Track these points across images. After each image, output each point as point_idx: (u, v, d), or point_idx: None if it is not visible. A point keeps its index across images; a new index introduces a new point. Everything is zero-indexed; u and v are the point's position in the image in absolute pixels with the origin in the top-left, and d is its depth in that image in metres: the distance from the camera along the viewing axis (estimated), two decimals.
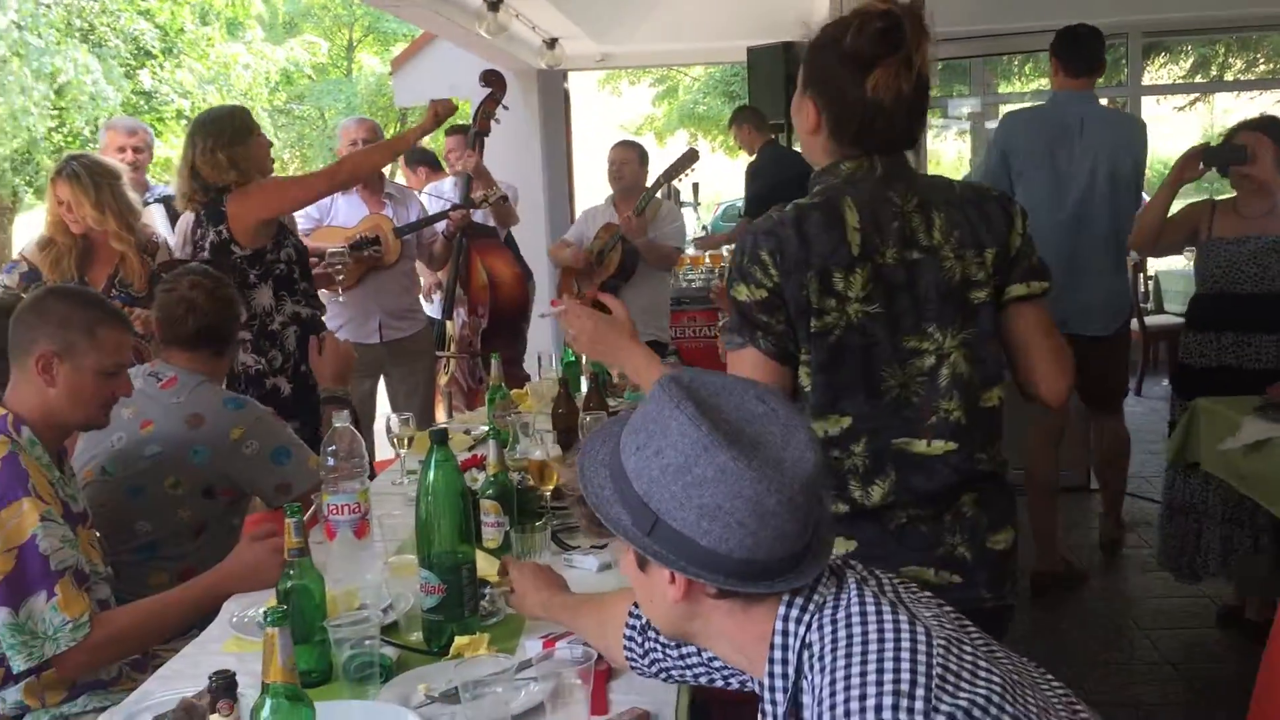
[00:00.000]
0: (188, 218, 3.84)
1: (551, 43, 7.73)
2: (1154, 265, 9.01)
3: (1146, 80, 11.80)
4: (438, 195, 5.55)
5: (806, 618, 1.22)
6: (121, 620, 2.20)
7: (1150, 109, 9.48)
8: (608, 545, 2.39)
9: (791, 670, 1.22)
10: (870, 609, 1.19)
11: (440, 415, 5.47)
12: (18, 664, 2.07)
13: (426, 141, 5.65)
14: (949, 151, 18.15)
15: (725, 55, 10.44)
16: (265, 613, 1.36)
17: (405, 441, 3.04)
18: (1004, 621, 1.86)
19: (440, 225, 5.12)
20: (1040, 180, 4.24)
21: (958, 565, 1.80)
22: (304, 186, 3.97)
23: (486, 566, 2.22)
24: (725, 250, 7.84)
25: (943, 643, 1.14)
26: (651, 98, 25.08)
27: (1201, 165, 3.80)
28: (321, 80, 21.91)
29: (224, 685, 1.35)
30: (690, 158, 5.55)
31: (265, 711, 1.39)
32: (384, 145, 4.19)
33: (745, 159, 7.39)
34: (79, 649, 2.09)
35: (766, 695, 1.26)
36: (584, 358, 3.93)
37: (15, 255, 3.94)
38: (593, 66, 9.24)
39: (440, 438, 1.96)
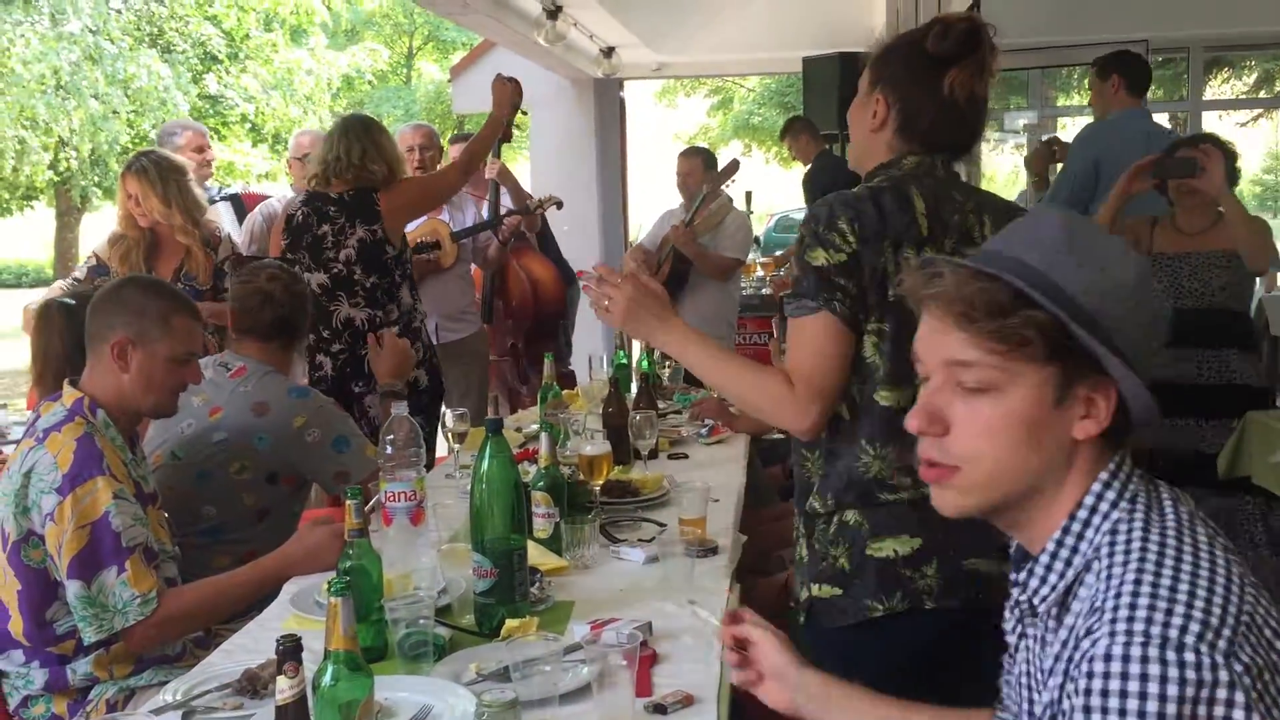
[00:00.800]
0: (262, 216, 3.95)
1: (609, 51, 7.82)
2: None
3: (1208, 95, 11.66)
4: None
5: (1122, 502, 1.17)
6: (188, 597, 2.29)
7: (1212, 124, 9.37)
8: (655, 539, 2.46)
9: (1085, 549, 1.17)
10: (1186, 529, 1.13)
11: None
12: (88, 635, 2.17)
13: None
14: (1005, 165, 18.01)
15: (780, 66, 10.48)
16: (329, 583, 1.43)
17: (459, 437, 3.12)
18: None
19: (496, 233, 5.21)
20: None
21: (1006, 555, 1.83)
22: (445, 180, 4.22)
23: (537, 555, 2.29)
24: (774, 256, 7.86)
25: (1252, 591, 1.09)
26: (707, 108, 25.13)
27: (1152, 177, 3.73)
28: (382, 87, 22.22)
29: (291, 648, 1.42)
30: (731, 169, 5.57)
31: (327, 677, 1.46)
32: (486, 132, 4.29)
33: (799, 170, 7.43)
34: (147, 623, 2.18)
35: (1038, 571, 1.22)
36: (635, 360, 4.00)
37: (87, 254, 4.08)
38: (649, 75, 9.32)
39: (495, 428, 2.03)
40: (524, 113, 5.54)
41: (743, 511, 2.85)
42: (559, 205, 5.50)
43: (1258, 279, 4.12)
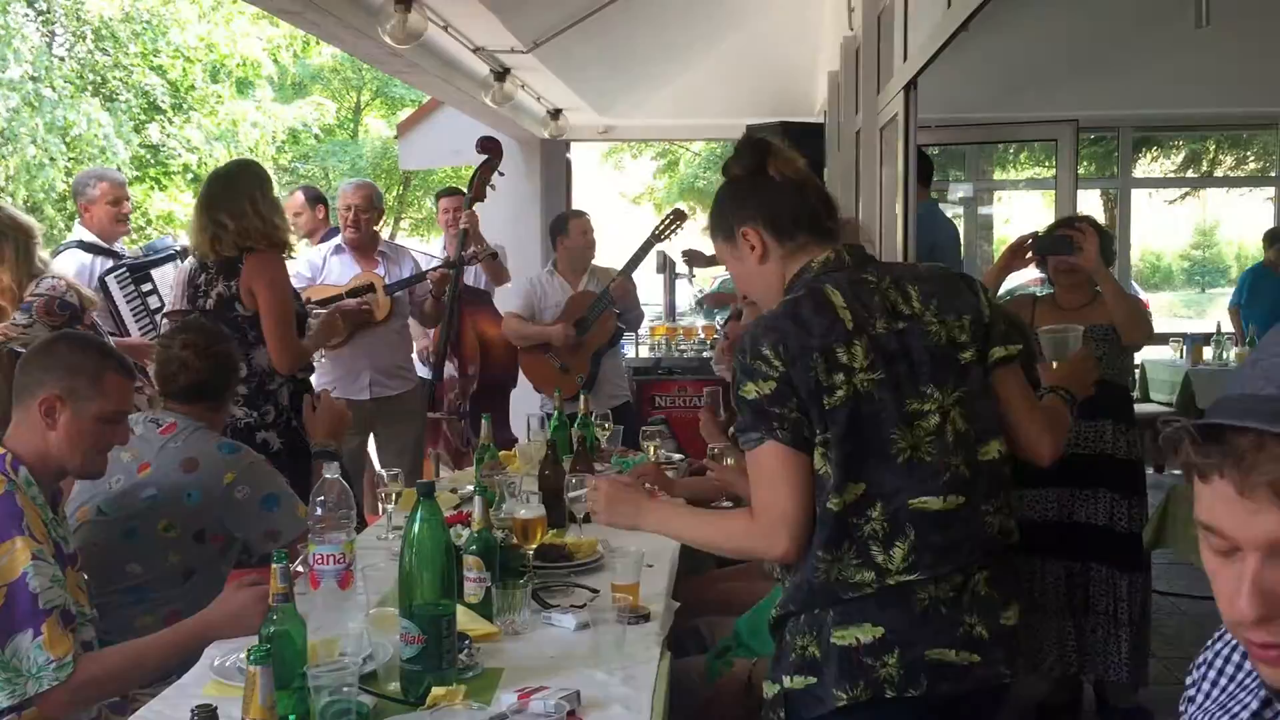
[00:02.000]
0: (190, 264, 3.90)
1: (555, 113, 7.88)
2: (1139, 355, 9.12)
3: (1138, 173, 12.01)
4: (428, 254, 5.65)
5: None
6: (105, 662, 2.24)
7: (1141, 202, 9.66)
8: (586, 605, 2.44)
9: None
10: None
11: (428, 474, 5.51)
12: (0, 700, 2.11)
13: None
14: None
15: (725, 132, 10.60)
16: (248, 651, 1.41)
17: (392, 497, 3.09)
18: (1007, 696, 1.95)
19: (429, 285, 5.20)
20: None
21: (976, 644, 1.88)
22: (276, 323, 3.70)
23: (467, 621, 2.27)
24: (718, 320, 7.91)
25: None
26: (653, 170, 25.39)
27: (1031, 254, 3.84)
28: (328, 141, 22.19)
29: (206, 718, 1.39)
30: (678, 216, 5.61)
31: None
32: (310, 348, 3.98)
33: None
34: (62, 688, 2.12)
35: None
36: (575, 426, 4.00)
37: None
38: (595, 138, 9.40)
39: (427, 491, 2.01)
40: (501, 173, 5.57)
41: (677, 578, 2.85)
42: (493, 256, 5.51)
43: (1134, 354, 4.22)
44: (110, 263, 4.75)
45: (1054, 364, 2.30)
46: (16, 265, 3.73)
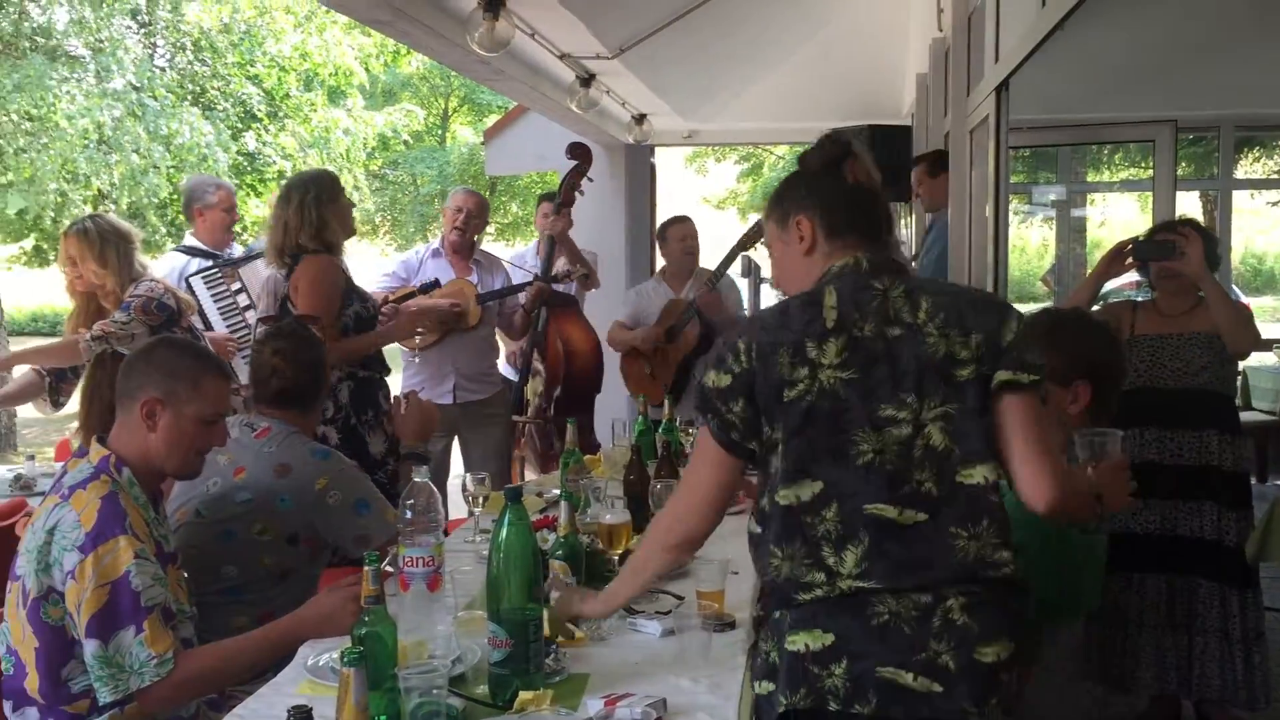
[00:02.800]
0: (273, 273, 3.99)
1: (640, 119, 7.90)
2: (1243, 362, 8.87)
3: (1239, 174, 11.66)
4: (520, 265, 5.69)
5: None
6: (203, 659, 2.29)
7: (1243, 203, 9.37)
8: (672, 612, 2.44)
9: None
10: None
11: (515, 479, 5.55)
12: (104, 695, 2.17)
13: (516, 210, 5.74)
14: (1034, 237, 18.02)
15: (810, 135, 10.43)
16: (342, 653, 1.44)
17: (479, 500, 3.13)
18: None
19: (521, 296, 5.24)
20: None
21: (939, 673, 1.79)
22: (329, 318, 3.77)
23: (554, 625, 2.28)
24: None
25: None
26: (737, 174, 25.32)
27: (1130, 260, 3.74)
28: (417, 147, 22.52)
29: (301, 718, 1.41)
30: (761, 230, 5.57)
31: None
32: (367, 340, 3.94)
33: None
34: (162, 684, 2.18)
35: None
36: (660, 431, 4.00)
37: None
38: (679, 142, 9.40)
39: (515, 495, 2.03)
40: (590, 179, 5.60)
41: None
42: (585, 277, 5.54)
43: (1239, 362, 4.09)
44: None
45: (1089, 469, 2.16)
46: (119, 270, 3.86)
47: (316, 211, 3.80)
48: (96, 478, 2.28)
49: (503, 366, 5.70)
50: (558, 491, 3.32)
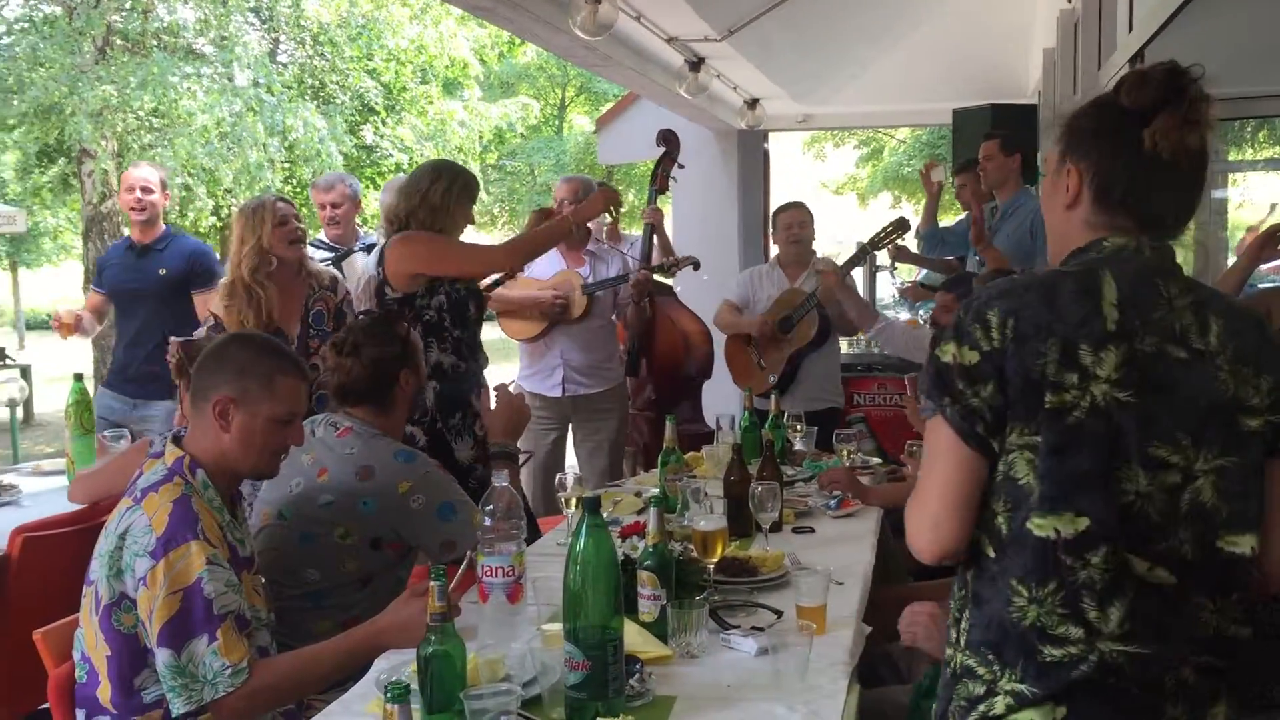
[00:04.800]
0: (367, 264, 3.92)
1: (752, 103, 7.72)
2: None
3: None
4: (635, 257, 5.56)
5: None
6: (279, 668, 2.21)
7: None
8: (769, 628, 2.28)
9: None
10: None
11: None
12: (177, 706, 2.10)
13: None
14: None
15: (930, 118, 10.24)
16: (386, 687, 1.31)
17: (573, 501, 3.00)
18: None
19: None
20: None
21: None
22: (465, 258, 3.83)
23: (641, 641, 2.14)
24: (920, 315, 7.57)
25: None
26: (856, 159, 24.85)
27: None
28: (534, 138, 22.65)
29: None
30: (900, 226, 5.33)
31: None
32: (545, 233, 4.06)
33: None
34: (236, 695, 2.10)
35: None
36: (766, 427, 3.82)
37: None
38: (794, 127, 9.18)
39: (593, 506, 1.89)
40: (681, 165, 5.45)
41: (869, 593, 2.65)
42: (695, 266, 5.39)
43: None
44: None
45: None
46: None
47: (450, 202, 3.71)
48: (169, 480, 2.21)
49: None
50: (656, 491, 3.18)
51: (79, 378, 3.82)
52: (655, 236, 5.27)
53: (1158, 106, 1.59)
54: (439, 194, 3.66)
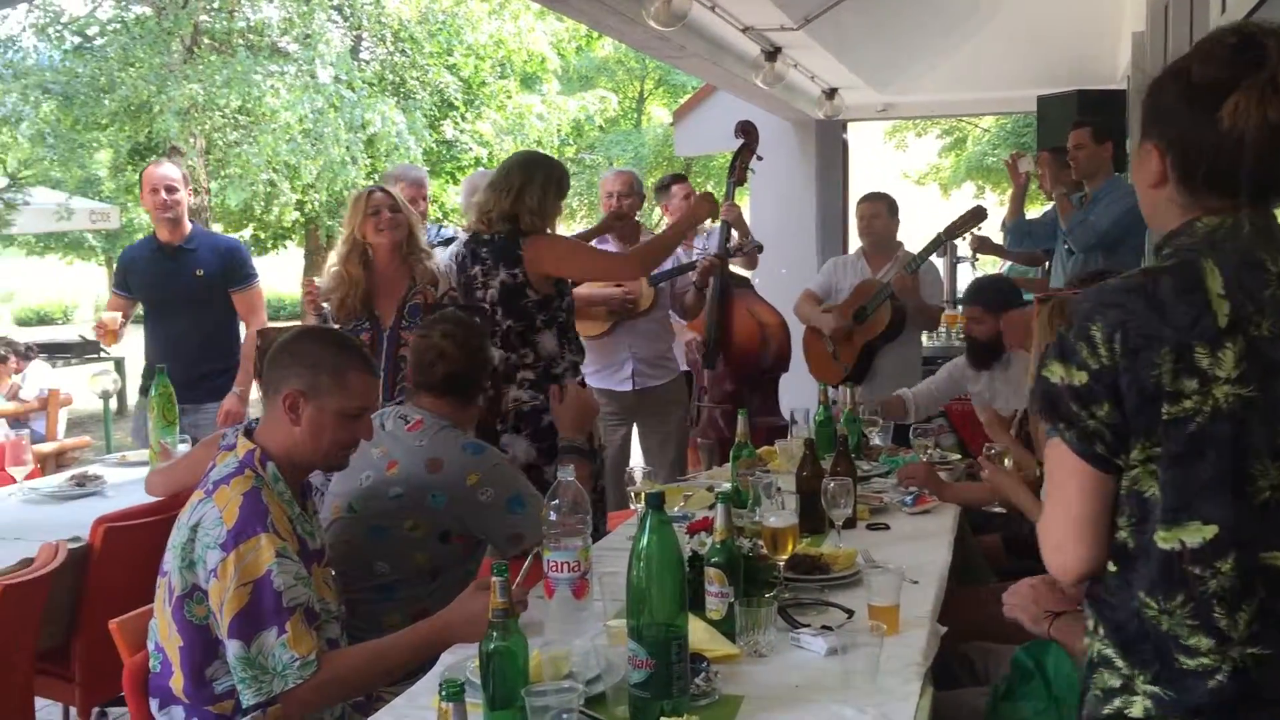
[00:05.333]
0: (458, 252, 3.92)
1: (830, 93, 7.62)
2: None
3: None
4: (702, 250, 5.52)
5: None
6: (348, 660, 2.22)
7: None
8: (839, 628, 2.23)
9: None
10: None
11: (695, 467, 5.41)
12: (247, 697, 2.12)
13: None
14: None
15: (1014, 105, 10.01)
16: (442, 685, 1.30)
17: (642, 496, 2.96)
18: None
19: (692, 276, 5.08)
20: None
21: None
22: (595, 262, 4.02)
23: (708, 639, 2.11)
24: None
25: None
26: (938, 149, 24.47)
27: None
28: (612, 131, 22.68)
29: None
30: (977, 215, 5.22)
31: None
32: (663, 240, 4.14)
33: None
34: (305, 687, 2.11)
35: None
36: (841, 422, 3.76)
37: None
38: (873, 117, 9.06)
39: (657, 503, 1.86)
40: (760, 157, 5.40)
41: (946, 592, 2.58)
42: (759, 249, 5.34)
43: None
44: None
45: None
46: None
47: (548, 204, 3.77)
48: (240, 473, 2.23)
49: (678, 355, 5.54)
50: (728, 485, 3.14)
51: (161, 370, 3.89)
52: (733, 231, 5.23)
53: (1232, 83, 1.47)
54: (536, 196, 3.70)
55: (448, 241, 4.97)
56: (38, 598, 2.74)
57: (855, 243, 7.64)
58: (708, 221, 4.80)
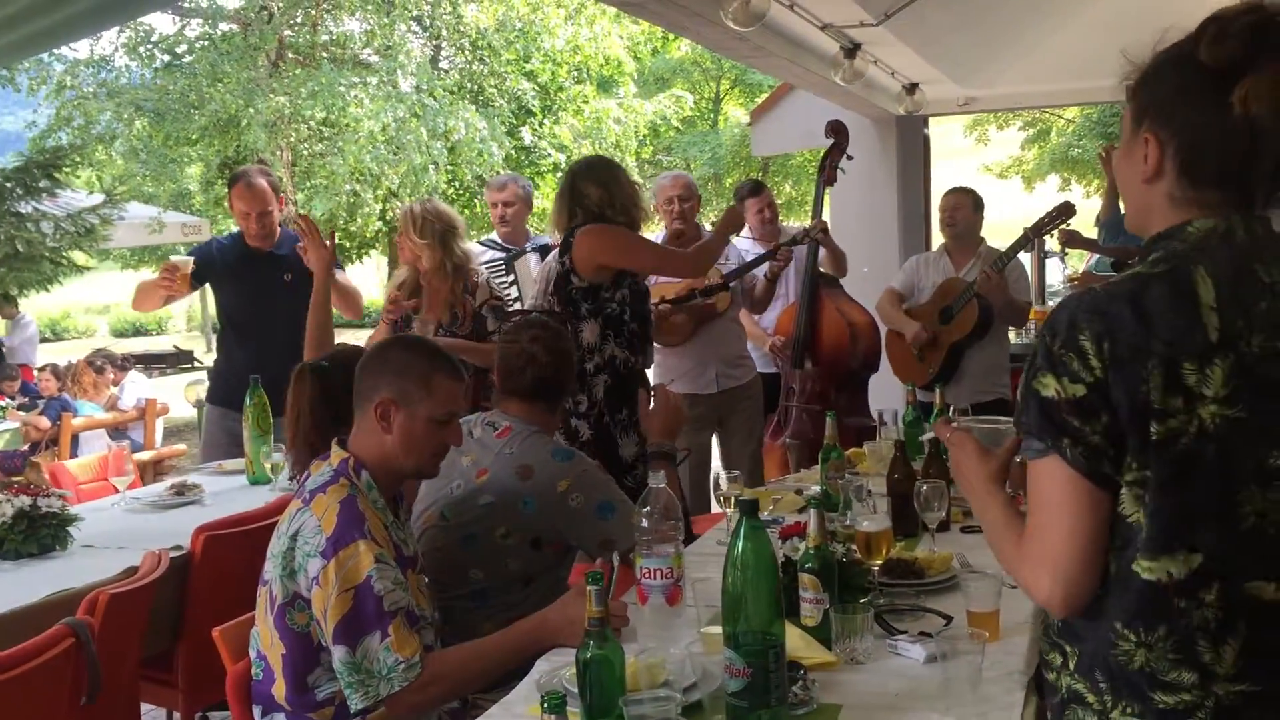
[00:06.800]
0: (551, 261, 3.97)
1: (911, 88, 7.51)
2: None
3: None
4: (748, 242, 5.49)
5: None
6: (449, 661, 2.24)
7: None
8: (938, 634, 2.19)
9: None
10: None
11: (781, 469, 5.36)
12: (355, 702, 2.14)
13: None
14: None
15: (1102, 95, 9.74)
16: (543, 697, 1.30)
17: (732, 500, 2.95)
18: None
19: (761, 269, 5.04)
20: None
21: None
22: (655, 255, 4.07)
23: (804, 647, 2.09)
24: None
25: None
26: (1021, 141, 24.04)
27: None
28: (689, 132, 22.67)
29: None
30: (1065, 211, 5.09)
31: None
32: (714, 244, 4.19)
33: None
34: (410, 689, 2.14)
35: None
36: (932, 418, 3.70)
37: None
38: (955, 111, 8.91)
39: (750, 509, 1.84)
40: (850, 157, 5.35)
41: None
42: (824, 230, 5.29)
43: None
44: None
45: None
46: (440, 256, 4.03)
47: (627, 200, 3.84)
48: (335, 481, 2.26)
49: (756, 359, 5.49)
50: (819, 488, 3.11)
51: (256, 381, 3.96)
52: (822, 249, 5.22)
53: (1246, 63, 1.38)
54: (625, 190, 3.78)
55: (542, 249, 5.00)
56: (143, 606, 2.81)
57: (938, 240, 7.52)
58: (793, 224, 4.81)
